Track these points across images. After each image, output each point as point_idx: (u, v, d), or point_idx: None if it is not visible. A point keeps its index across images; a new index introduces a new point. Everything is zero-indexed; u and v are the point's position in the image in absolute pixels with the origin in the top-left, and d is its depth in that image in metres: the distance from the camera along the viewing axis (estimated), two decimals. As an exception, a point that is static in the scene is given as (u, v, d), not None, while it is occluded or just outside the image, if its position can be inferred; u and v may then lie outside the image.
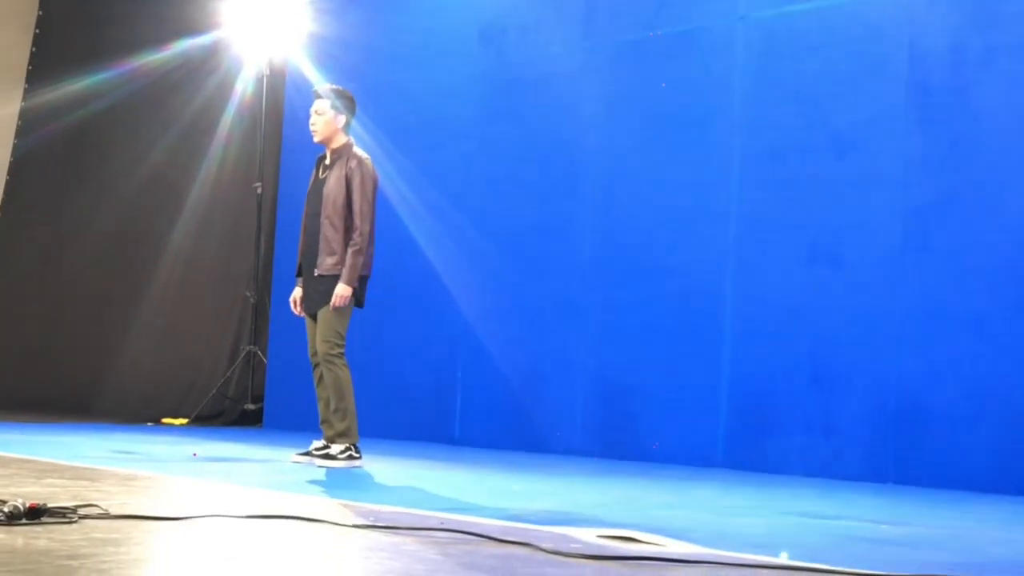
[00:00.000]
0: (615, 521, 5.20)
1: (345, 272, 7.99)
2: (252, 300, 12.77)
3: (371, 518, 4.91)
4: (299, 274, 8.36)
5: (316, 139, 8.32)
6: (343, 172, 8.12)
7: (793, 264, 9.12)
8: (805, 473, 8.79)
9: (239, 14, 12.72)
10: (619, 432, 9.91)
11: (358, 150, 8.29)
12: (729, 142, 9.53)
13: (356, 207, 8.06)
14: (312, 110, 8.32)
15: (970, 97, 8.44)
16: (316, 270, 8.12)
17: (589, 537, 4.58)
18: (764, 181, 9.34)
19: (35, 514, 4.23)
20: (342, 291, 7.96)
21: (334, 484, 6.81)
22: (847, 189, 8.92)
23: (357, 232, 8.04)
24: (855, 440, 8.68)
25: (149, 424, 12.11)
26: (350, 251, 8.01)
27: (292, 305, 8.38)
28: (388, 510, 5.32)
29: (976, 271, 8.29)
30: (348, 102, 8.35)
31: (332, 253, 8.07)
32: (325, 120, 8.26)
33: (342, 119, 8.28)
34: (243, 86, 13.29)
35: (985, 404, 8.15)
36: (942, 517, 6.61)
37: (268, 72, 12.88)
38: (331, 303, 7.97)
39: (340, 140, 8.29)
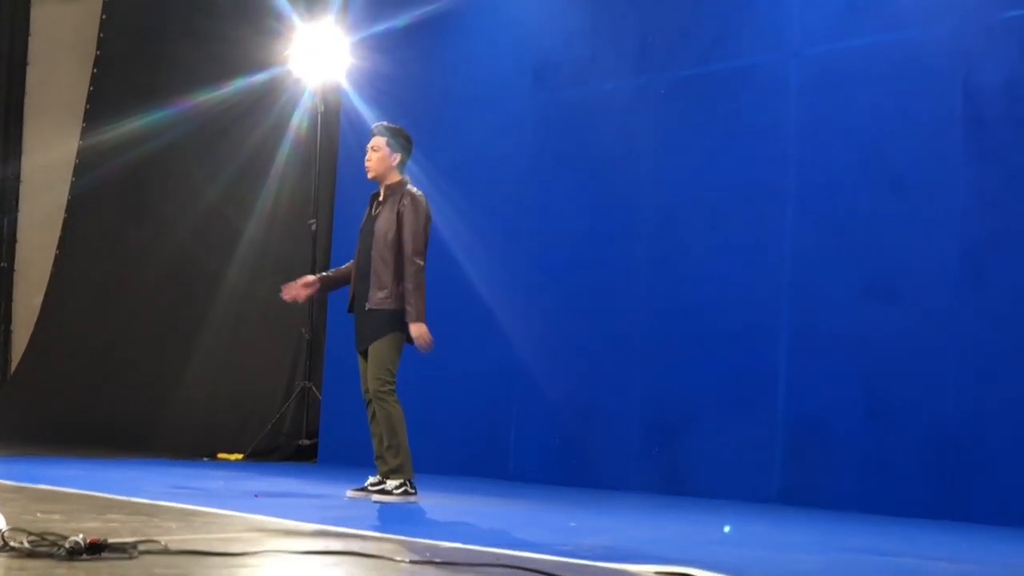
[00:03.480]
0: (672, 557, 5.19)
1: (411, 312, 8.00)
2: (307, 336, 12.81)
3: (427, 554, 4.92)
4: (351, 310, 8.39)
5: (370, 175, 8.34)
6: (395, 209, 8.15)
7: (849, 299, 9.08)
8: (861, 509, 8.73)
9: (294, 53, 12.80)
10: (674, 468, 9.87)
11: (412, 188, 8.30)
12: (784, 177, 9.51)
13: (407, 241, 8.07)
14: (368, 146, 8.36)
15: (1026, 131, 8.41)
16: (367, 304, 8.14)
17: (646, 573, 4.57)
18: (819, 216, 9.32)
19: (96, 549, 4.27)
20: (418, 331, 7.99)
21: (390, 520, 6.83)
22: (903, 224, 8.89)
23: (411, 265, 8.05)
24: (912, 476, 8.63)
25: (205, 459, 12.16)
26: (408, 288, 8.02)
27: (286, 288, 8.53)
28: (444, 546, 5.32)
29: (1033, 305, 8.25)
30: (404, 141, 8.39)
31: (383, 287, 8.09)
32: (380, 156, 8.29)
33: (397, 157, 8.32)
34: (298, 124, 13.36)
35: (1044, 439, 8.10)
36: (1001, 554, 6.56)
37: (323, 109, 12.95)
38: (417, 348, 8.03)
39: (394, 178, 8.31)
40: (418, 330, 7.98)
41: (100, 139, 15.54)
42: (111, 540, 4.36)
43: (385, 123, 8.55)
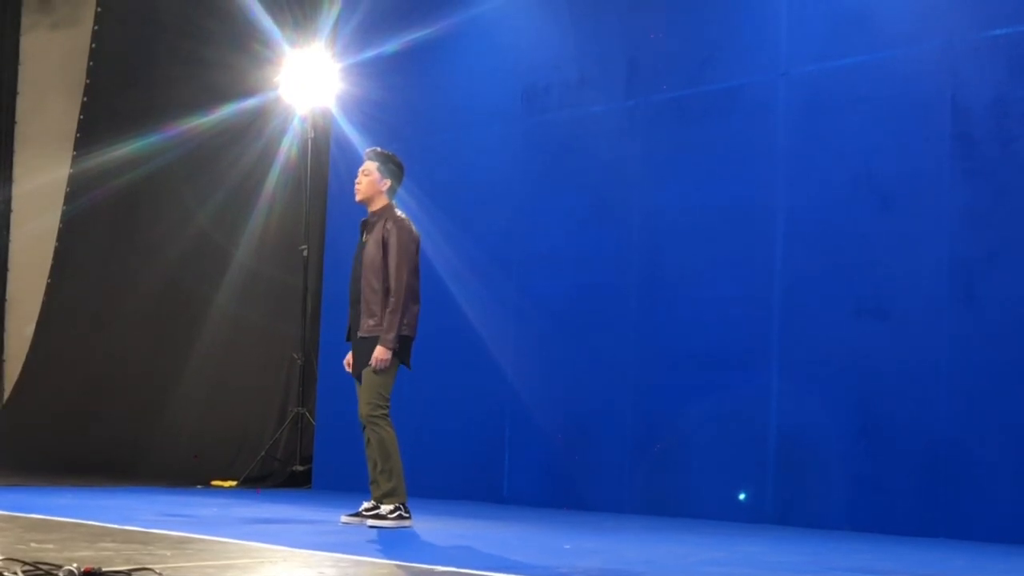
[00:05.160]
0: (666, 579, 5.20)
1: (382, 336, 8.03)
2: (300, 362, 12.81)
3: (422, 578, 4.93)
4: (349, 338, 8.43)
5: (358, 198, 8.39)
6: (380, 234, 8.18)
7: (839, 317, 9.09)
8: (854, 528, 8.75)
9: (283, 78, 12.82)
10: (666, 489, 9.88)
11: (398, 212, 8.34)
12: (773, 197, 9.53)
13: (392, 267, 8.10)
14: (359, 170, 8.40)
15: (1015, 149, 8.43)
16: (359, 332, 8.19)
17: (640, 595, 4.57)
18: (808, 235, 9.33)
19: (90, 578, 4.27)
20: (380, 354, 7.99)
21: (385, 544, 6.83)
22: (892, 242, 8.91)
23: (392, 293, 8.08)
24: (904, 494, 8.64)
25: (198, 487, 12.14)
26: (387, 312, 8.06)
27: (346, 366, 8.45)
28: (439, 570, 5.33)
29: (1023, 321, 8.26)
30: (396, 168, 8.43)
31: (372, 315, 8.13)
32: (369, 180, 8.34)
33: (387, 183, 8.35)
34: (287, 149, 13.38)
35: (1036, 456, 8.11)
36: (993, 571, 6.57)
37: (312, 135, 12.96)
38: (372, 366, 8.02)
39: (381, 202, 8.35)
40: (381, 353, 8.00)
41: (90, 166, 15.56)
42: (105, 568, 4.36)
43: (378, 148, 8.59)
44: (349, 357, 8.42)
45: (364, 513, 8.07)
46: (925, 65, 8.91)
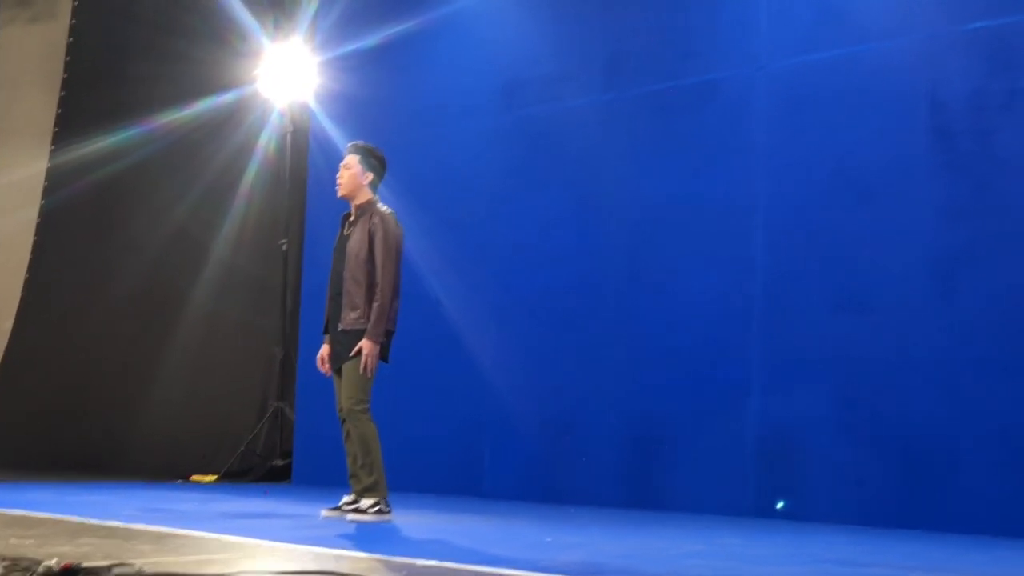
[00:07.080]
0: (647, 571, 5.20)
1: (370, 328, 8.00)
2: (279, 356, 12.79)
3: (403, 572, 4.92)
4: (326, 331, 8.39)
5: (340, 192, 8.35)
6: (366, 228, 8.16)
7: (819, 312, 9.11)
8: (835, 521, 8.76)
9: (262, 72, 12.80)
10: (648, 483, 9.89)
11: (381, 206, 8.31)
12: (752, 191, 9.55)
13: (379, 262, 8.08)
14: (341, 164, 8.37)
15: (993, 142, 8.46)
16: (340, 325, 8.15)
17: (622, 588, 4.57)
18: (788, 229, 9.35)
19: (70, 574, 4.25)
20: (368, 349, 7.96)
21: (365, 538, 6.82)
22: (872, 236, 8.92)
23: (379, 288, 8.06)
24: (884, 487, 8.66)
25: (178, 481, 12.12)
26: (373, 306, 8.03)
27: (319, 363, 8.39)
28: (420, 564, 5.32)
29: (1003, 316, 8.28)
30: (378, 162, 8.40)
31: (355, 308, 8.09)
32: (351, 174, 8.30)
33: (369, 176, 8.32)
34: (266, 143, 13.35)
35: (1015, 449, 8.12)
36: (974, 563, 6.58)
37: (291, 129, 12.94)
38: (360, 364, 7.97)
39: (364, 196, 8.32)
40: (369, 348, 7.97)
41: (68, 160, 15.49)
42: (85, 564, 4.35)
43: (359, 142, 8.55)
44: (323, 351, 8.38)
45: (344, 507, 8.05)
46: (903, 59, 8.93)
